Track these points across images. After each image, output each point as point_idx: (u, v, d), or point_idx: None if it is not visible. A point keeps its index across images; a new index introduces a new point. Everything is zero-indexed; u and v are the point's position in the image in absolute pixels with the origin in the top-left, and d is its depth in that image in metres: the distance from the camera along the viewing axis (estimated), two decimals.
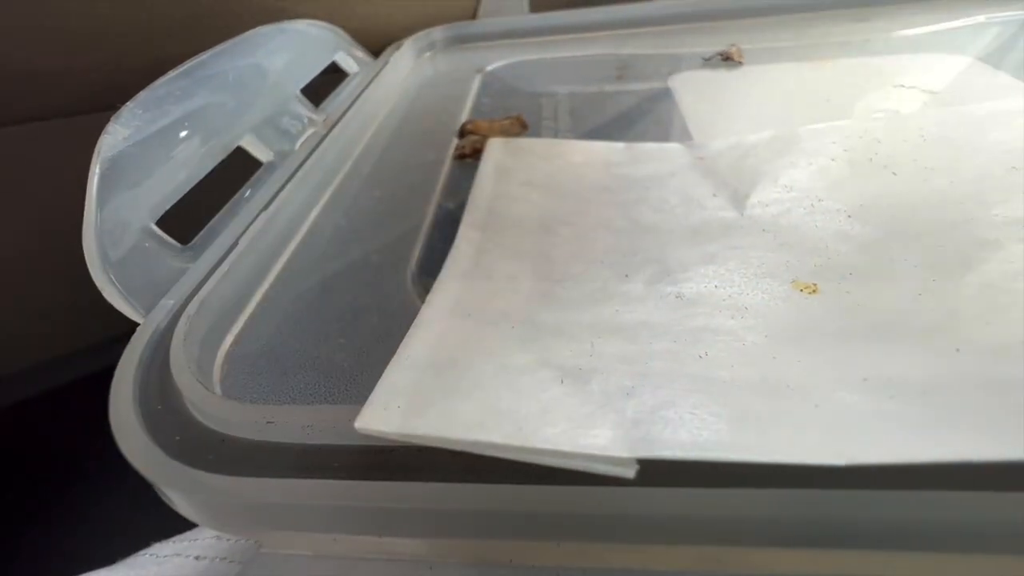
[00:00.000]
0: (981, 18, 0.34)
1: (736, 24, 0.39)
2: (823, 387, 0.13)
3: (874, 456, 0.11)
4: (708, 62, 0.34)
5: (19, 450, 0.42)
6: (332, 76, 0.38)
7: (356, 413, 0.13)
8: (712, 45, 0.37)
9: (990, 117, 0.24)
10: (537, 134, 0.30)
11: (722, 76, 0.34)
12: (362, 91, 0.34)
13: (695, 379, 0.13)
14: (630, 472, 0.11)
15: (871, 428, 0.12)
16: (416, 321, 0.16)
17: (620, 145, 0.27)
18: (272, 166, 0.28)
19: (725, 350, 0.14)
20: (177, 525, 0.18)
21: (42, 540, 0.41)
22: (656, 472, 0.11)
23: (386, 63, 0.38)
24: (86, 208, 0.19)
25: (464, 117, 0.33)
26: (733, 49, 0.34)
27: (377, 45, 0.43)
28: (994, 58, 0.31)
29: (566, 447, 0.11)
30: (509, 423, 0.12)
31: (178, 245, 0.22)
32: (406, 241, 0.23)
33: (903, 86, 0.29)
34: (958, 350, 0.14)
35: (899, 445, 0.11)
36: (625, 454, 0.11)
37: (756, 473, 0.11)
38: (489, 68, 0.40)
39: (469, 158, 0.28)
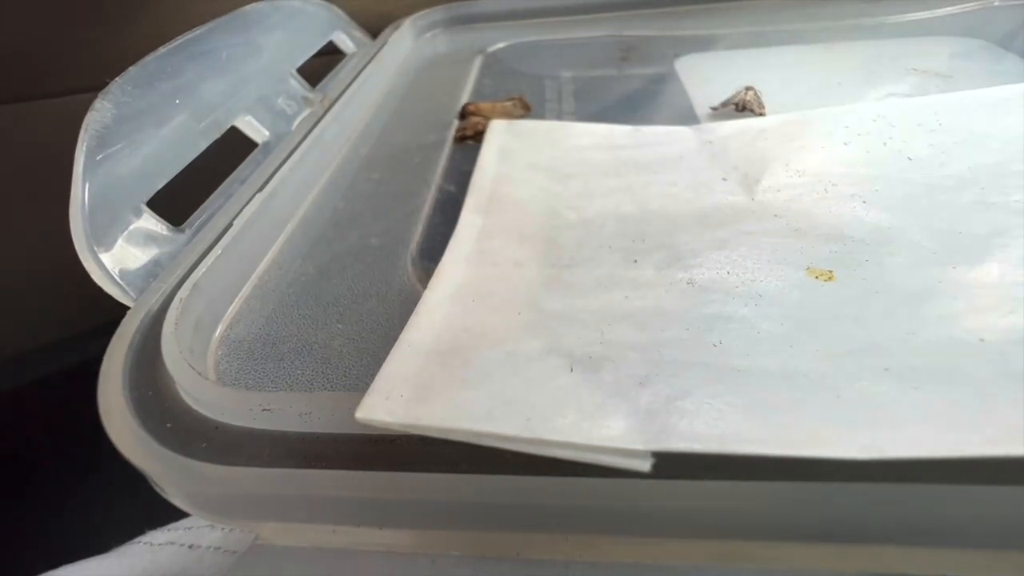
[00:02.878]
0: (995, 1, 0.33)
1: (744, 5, 0.38)
2: (843, 377, 0.12)
3: (900, 450, 0.10)
4: (717, 112, 0.27)
5: (11, 438, 0.42)
6: (329, 58, 0.37)
7: (355, 400, 0.13)
8: (718, 27, 0.37)
9: (1005, 101, 0.23)
10: (540, 116, 0.29)
11: (730, 59, 0.33)
12: (360, 71, 0.33)
13: (710, 368, 0.13)
14: (645, 465, 0.11)
15: (895, 420, 0.11)
16: (418, 307, 0.16)
17: (626, 128, 0.26)
18: (268, 146, 0.27)
19: (740, 338, 0.14)
20: (172, 513, 0.17)
21: (35, 527, 0.40)
22: (670, 464, 0.11)
23: (385, 43, 0.37)
24: (72, 187, 0.19)
25: (465, 99, 0.32)
26: (749, 95, 0.26)
27: (376, 25, 0.42)
28: (1007, 41, 0.30)
29: (578, 439, 0.11)
30: (518, 414, 0.11)
31: (170, 226, 0.21)
32: (406, 224, 0.22)
33: (915, 70, 0.28)
34: (982, 339, 0.13)
35: (925, 438, 0.11)
36: (640, 446, 0.11)
37: (774, 466, 0.11)
38: (491, 49, 0.39)
39: (470, 140, 0.27)
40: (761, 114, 0.26)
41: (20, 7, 0.38)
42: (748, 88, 0.27)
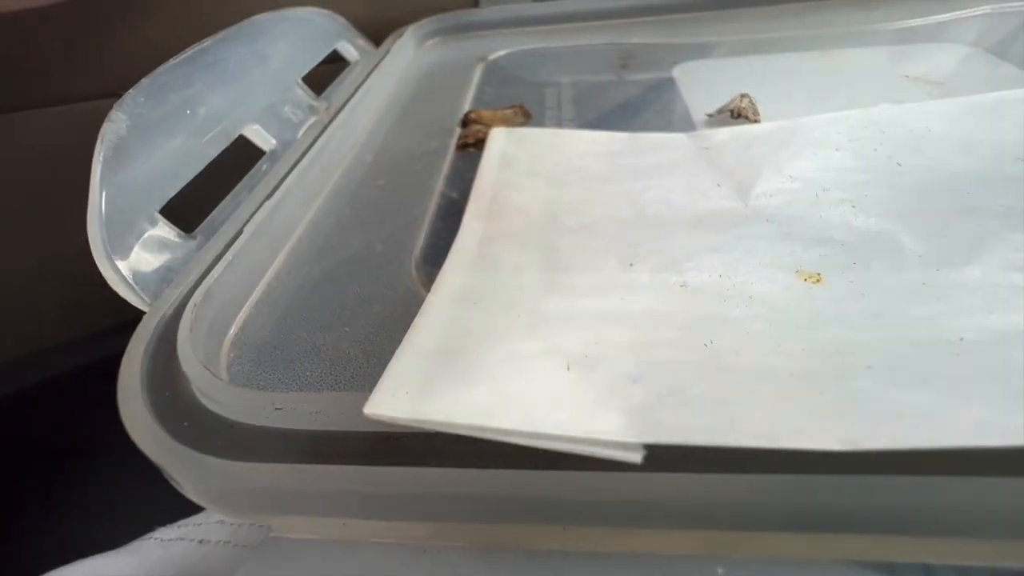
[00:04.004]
0: (987, 8, 0.33)
1: (741, 14, 0.38)
2: (828, 374, 0.13)
3: (877, 442, 0.11)
4: (713, 119, 0.27)
5: (25, 435, 0.42)
6: (333, 66, 0.38)
7: (363, 400, 0.13)
8: (716, 34, 0.37)
9: (995, 108, 0.24)
10: (540, 124, 0.30)
11: (726, 66, 0.34)
12: (364, 79, 0.34)
13: (701, 366, 0.13)
14: (637, 457, 0.11)
15: (876, 414, 0.12)
16: (422, 310, 0.17)
17: (624, 135, 0.26)
18: (275, 154, 0.28)
19: (730, 338, 0.14)
20: (182, 509, 0.18)
21: (46, 524, 0.41)
22: (663, 457, 0.12)
23: (388, 51, 0.38)
24: (90, 196, 0.19)
25: (467, 106, 0.33)
26: (744, 102, 0.27)
27: (378, 33, 0.42)
28: (999, 49, 0.31)
29: (574, 433, 0.11)
30: (518, 409, 0.12)
31: (182, 233, 0.22)
32: (409, 230, 0.23)
33: (907, 77, 0.29)
34: (962, 339, 0.14)
35: (903, 431, 0.11)
36: (632, 439, 0.11)
37: (761, 459, 0.12)
38: (492, 57, 0.39)
39: (472, 147, 0.28)
40: (756, 121, 0.26)
41: (28, 16, 0.39)
42: (743, 95, 0.27)
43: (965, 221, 0.18)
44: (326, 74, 0.36)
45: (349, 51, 0.40)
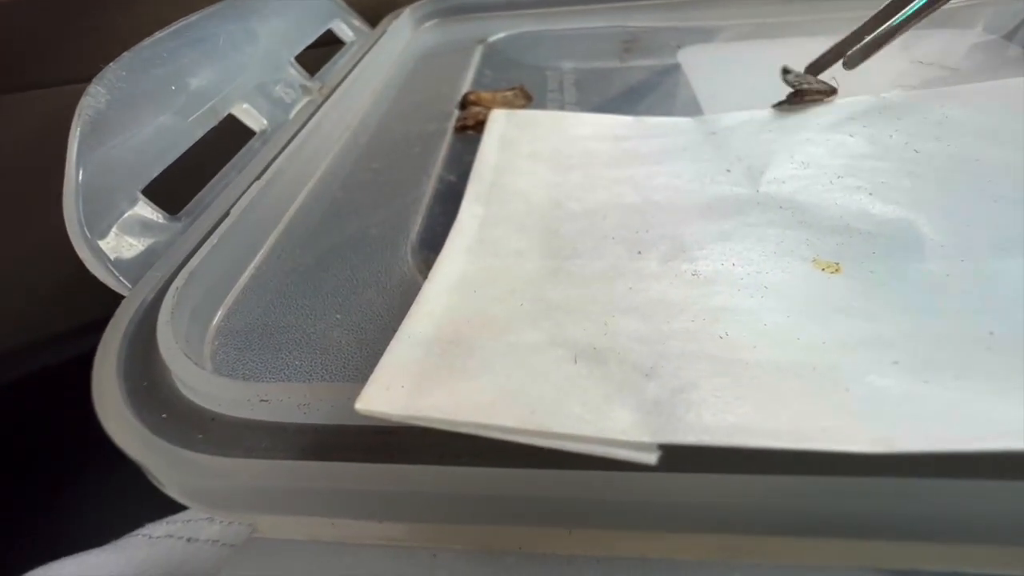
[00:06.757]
0: None
1: None
2: (852, 370, 0.12)
3: (912, 443, 0.10)
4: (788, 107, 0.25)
5: (9, 430, 0.41)
6: (327, 48, 0.36)
7: (354, 391, 0.12)
8: (722, 18, 0.36)
9: (1011, 94, 0.23)
10: (542, 107, 0.29)
11: (733, 50, 0.33)
12: (359, 60, 0.33)
13: (717, 360, 0.13)
14: (652, 458, 0.10)
15: (905, 414, 0.11)
16: (418, 297, 0.16)
17: (629, 118, 0.25)
18: (265, 135, 0.27)
19: (747, 330, 0.14)
20: (171, 505, 0.17)
21: (35, 520, 0.40)
22: (676, 457, 0.11)
23: (384, 32, 0.37)
24: (66, 174, 0.18)
25: (465, 89, 0.31)
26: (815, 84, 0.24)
27: (375, 14, 0.41)
28: (1013, 35, 0.30)
29: (584, 431, 0.11)
30: (522, 405, 0.11)
31: (166, 215, 0.21)
32: (406, 214, 0.22)
33: (921, 62, 0.28)
34: (991, 333, 0.13)
35: (936, 432, 0.10)
36: (647, 439, 0.10)
37: (783, 459, 0.11)
38: (491, 39, 0.38)
39: (471, 130, 0.27)
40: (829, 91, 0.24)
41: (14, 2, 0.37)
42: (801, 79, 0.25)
43: (990, 210, 0.17)
44: (320, 55, 0.35)
45: (344, 31, 0.39)
